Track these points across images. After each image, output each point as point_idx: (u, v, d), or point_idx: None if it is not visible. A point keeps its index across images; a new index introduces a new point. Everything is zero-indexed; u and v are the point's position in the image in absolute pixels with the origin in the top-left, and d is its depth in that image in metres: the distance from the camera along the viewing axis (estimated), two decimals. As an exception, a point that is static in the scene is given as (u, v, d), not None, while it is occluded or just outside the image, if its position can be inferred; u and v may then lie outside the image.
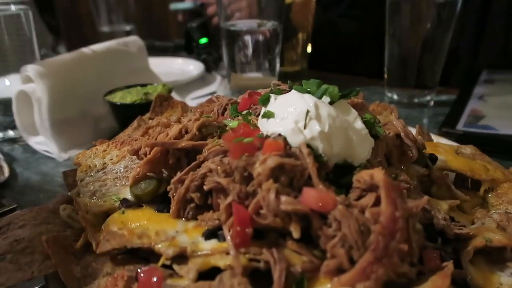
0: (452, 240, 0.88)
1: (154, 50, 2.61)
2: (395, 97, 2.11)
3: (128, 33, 2.66)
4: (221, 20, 2.09)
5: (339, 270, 0.72)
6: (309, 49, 2.35)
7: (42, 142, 1.62)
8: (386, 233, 0.70)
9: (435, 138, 1.44)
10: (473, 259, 0.84)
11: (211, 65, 2.60)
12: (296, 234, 0.74)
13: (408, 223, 0.74)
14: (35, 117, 1.58)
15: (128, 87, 1.78)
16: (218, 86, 2.37)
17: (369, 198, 0.77)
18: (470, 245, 0.83)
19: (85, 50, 1.75)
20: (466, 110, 1.83)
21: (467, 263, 0.82)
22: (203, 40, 2.70)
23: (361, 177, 0.80)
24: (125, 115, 1.61)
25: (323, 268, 0.73)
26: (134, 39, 2.00)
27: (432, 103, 2.09)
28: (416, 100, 2.07)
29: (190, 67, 2.53)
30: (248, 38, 2.04)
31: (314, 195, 0.75)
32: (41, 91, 1.54)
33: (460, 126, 1.69)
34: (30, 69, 1.53)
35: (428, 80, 2.04)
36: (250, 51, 2.07)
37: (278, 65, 2.15)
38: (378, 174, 0.77)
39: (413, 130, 1.35)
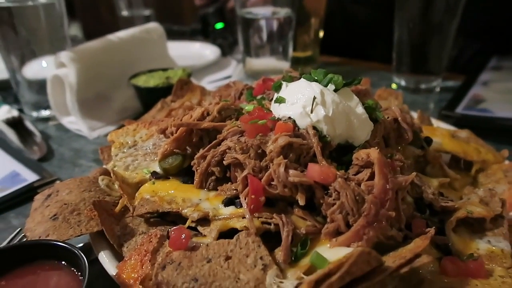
0: (439, 212, 1.00)
1: (172, 34, 2.70)
2: (403, 82, 2.19)
3: (147, 18, 2.76)
4: (237, 6, 2.18)
5: (337, 233, 0.86)
6: (321, 34, 2.43)
7: (74, 122, 1.78)
8: (377, 202, 0.83)
9: (435, 123, 1.53)
10: (456, 229, 0.96)
11: (226, 50, 2.70)
12: (301, 202, 0.88)
13: (397, 194, 0.88)
14: (67, 100, 1.73)
15: (151, 71, 1.91)
16: (233, 70, 2.47)
17: (365, 173, 0.90)
18: (454, 216, 0.95)
19: (112, 37, 1.88)
20: (468, 95, 1.90)
21: (449, 231, 0.94)
22: (219, 25, 2.79)
23: (359, 155, 0.93)
24: (148, 97, 1.75)
25: (323, 231, 0.87)
26: (155, 26, 2.11)
27: (438, 89, 2.16)
28: (422, 86, 2.15)
29: (207, 51, 2.63)
30: (263, 25, 2.14)
31: (318, 170, 0.88)
32: (73, 76, 1.69)
33: (459, 110, 1.77)
34: (64, 56, 1.67)
35: (435, 66, 2.10)
36: (264, 37, 2.18)
37: (291, 50, 2.25)
38: (373, 153, 0.90)
39: (416, 115, 1.45)
